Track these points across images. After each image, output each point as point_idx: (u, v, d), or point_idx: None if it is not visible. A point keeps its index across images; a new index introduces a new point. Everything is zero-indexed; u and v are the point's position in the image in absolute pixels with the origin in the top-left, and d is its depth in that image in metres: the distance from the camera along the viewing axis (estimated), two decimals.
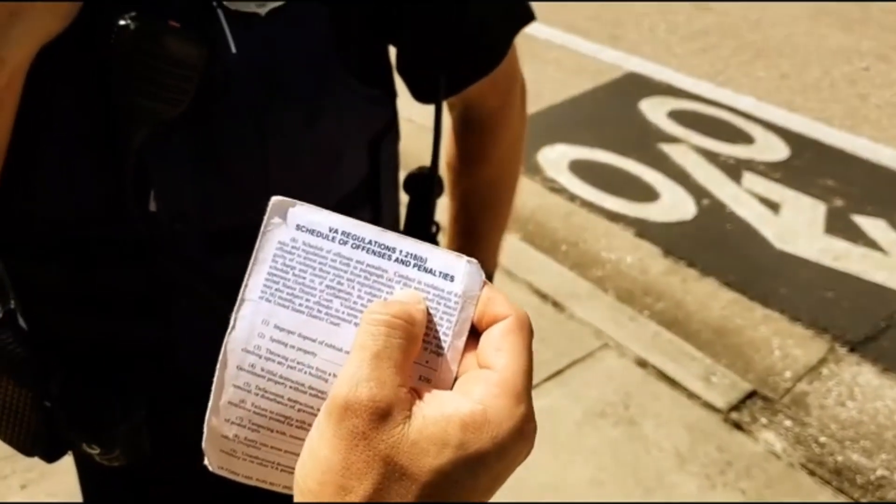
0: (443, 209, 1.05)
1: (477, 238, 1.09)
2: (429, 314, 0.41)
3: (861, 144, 3.71)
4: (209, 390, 0.40)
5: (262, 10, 0.71)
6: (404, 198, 0.98)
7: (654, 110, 3.96)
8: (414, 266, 0.42)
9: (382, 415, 0.36)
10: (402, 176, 0.97)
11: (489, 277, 0.86)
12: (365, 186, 0.87)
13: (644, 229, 3.13)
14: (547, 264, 2.90)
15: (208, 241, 0.77)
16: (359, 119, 0.82)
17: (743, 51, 4.64)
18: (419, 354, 0.41)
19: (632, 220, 3.18)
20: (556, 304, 2.70)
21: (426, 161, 0.94)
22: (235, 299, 0.41)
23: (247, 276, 0.41)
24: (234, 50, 0.71)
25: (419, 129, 0.98)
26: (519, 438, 0.38)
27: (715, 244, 3.05)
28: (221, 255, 0.77)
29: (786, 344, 2.61)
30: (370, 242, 0.42)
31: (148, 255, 0.75)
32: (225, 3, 0.70)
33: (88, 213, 0.74)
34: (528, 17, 0.93)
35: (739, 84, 4.24)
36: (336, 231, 0.42)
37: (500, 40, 0.91)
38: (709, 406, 2.34)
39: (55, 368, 0.81)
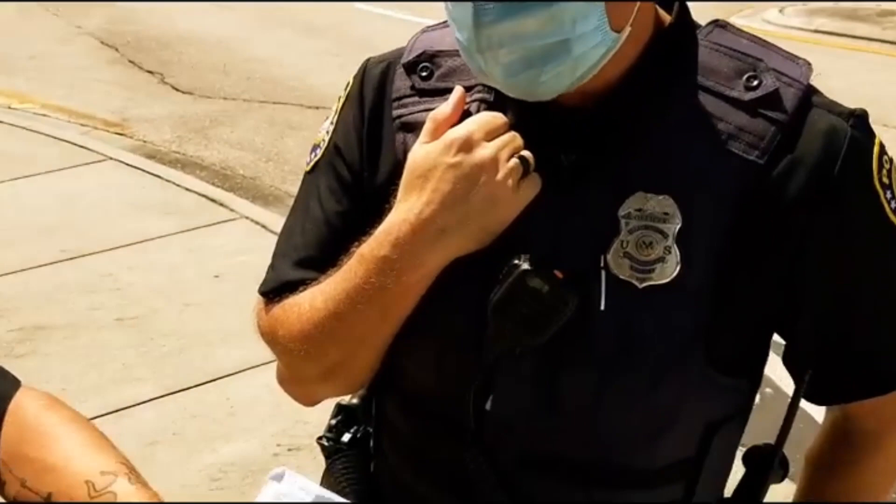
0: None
1: None
2: None
3: None
4: None
5: (640, 284, 0.81)
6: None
7: None
8: None
9: None
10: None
11: None
12: (685, 466, 0.87)
13: None
14: None
15: (521, 455, 0.86)
16: (703, 401, 0.85)
17: None
18: None
19: None
20: None
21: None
22: None
23: None
24: (602, 307, 0.81)
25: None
26: None
27: None
28: (528, 473, 0.87)
29: None
30: None
31: (469, 448, 0.86)
32: (612, 270, 0.81)
33: (440, 389, 0.88)
34: None
35: None
36: None
37: (893, 371, 0.89)
38: None
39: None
